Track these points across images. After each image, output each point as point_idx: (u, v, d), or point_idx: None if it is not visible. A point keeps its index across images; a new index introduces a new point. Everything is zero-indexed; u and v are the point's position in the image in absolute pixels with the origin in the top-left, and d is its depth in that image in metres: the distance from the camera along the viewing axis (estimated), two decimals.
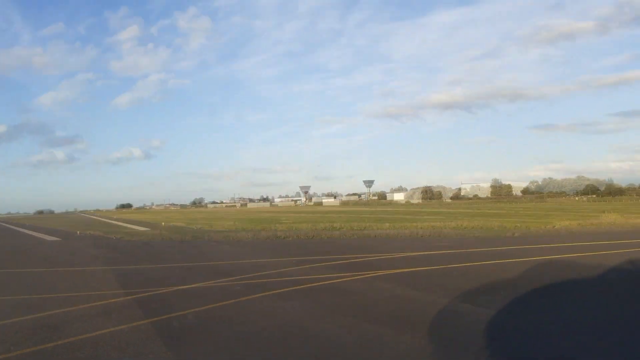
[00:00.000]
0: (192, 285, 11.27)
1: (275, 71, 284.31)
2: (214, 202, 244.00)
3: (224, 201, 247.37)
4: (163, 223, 45.65)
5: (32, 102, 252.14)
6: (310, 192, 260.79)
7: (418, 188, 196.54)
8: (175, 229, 36.75)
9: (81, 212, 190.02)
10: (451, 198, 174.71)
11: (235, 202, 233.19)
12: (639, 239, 19.98)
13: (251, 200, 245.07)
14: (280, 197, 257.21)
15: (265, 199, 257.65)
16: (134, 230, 37.40)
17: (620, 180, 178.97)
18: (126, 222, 55.77)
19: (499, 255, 15.56)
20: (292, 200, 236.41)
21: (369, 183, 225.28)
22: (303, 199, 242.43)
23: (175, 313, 8.54)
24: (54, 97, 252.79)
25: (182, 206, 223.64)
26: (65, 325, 7.90)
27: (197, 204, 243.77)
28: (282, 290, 10.39)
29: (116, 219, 69.96)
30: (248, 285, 11.08)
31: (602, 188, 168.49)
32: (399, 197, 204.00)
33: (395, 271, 12.54)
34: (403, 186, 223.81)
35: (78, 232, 36.99)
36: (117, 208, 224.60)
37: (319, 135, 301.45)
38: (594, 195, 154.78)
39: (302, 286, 10.74)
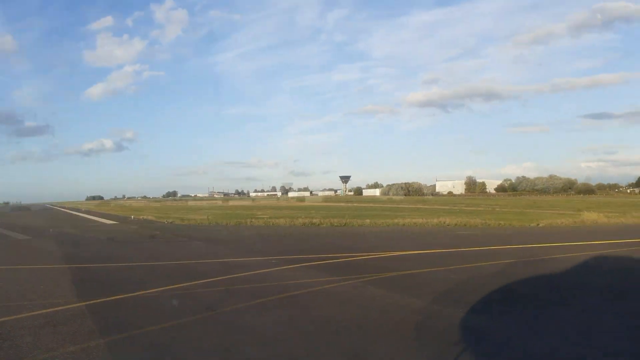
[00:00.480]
0: (150, 291, 9.65)
1: (253, 66, 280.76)
2: (195, 195, 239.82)
3: (199, 194, 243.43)
4: (132, 216, 43.38)
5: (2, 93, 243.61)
6: (287, 187, 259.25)
7: (394, 184, 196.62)
8: (145, 223, 34.70)
9: (48, 204, 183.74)
10: (424, 195, 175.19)
11: (214, 195, 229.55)
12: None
13: (225, 194, 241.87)
14: (255, 191, 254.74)
15: (240, 193, 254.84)
16: (99, 225, 35.17)
17: (590, 180, 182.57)
18: (94, 215, 53.19)
19: (499, 255, 14.35)
20: (269, 194, 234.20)
21: (345, 179, 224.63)
22: (279, 194, 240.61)
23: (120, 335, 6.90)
24: (24, 88, 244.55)
25: (166, 198, 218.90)
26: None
27: (175, 198, 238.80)
28: (263, 300, 8.86)
29: (85, 211, 67.04)
30: (225, 292, 9.52)
31: (573, 187, 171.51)
32: (375, 193, 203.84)
33: (389, 274, 11.16)
34: (379, 182, 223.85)
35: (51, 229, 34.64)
36: (87, 200, 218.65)
37: (296, 130, 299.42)
38: (574, 193, 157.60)
39: (283, 295, 9.23)
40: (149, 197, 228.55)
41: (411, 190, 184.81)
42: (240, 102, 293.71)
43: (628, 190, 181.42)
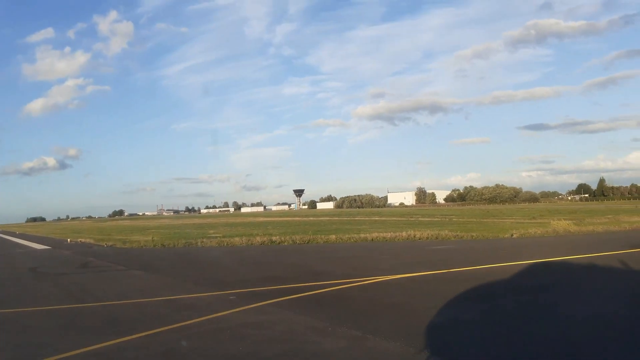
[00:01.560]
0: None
1: (202, 79, 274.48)
2: (143, 214, 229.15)
3: (147, 213, 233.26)
4: (69, 239, 38.67)
5: None
6: (240, 202, 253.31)
7: (347, 197, 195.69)
8: (81, 247, 30.42)
9: None
10: (377, 206, 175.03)
11: (163, 213, 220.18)
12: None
13: (175, 212, 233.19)
14: (207, 208, 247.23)
15: (191, 210, 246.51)
16: (27, 251, 30.50)
17: (531, 189, 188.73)
18: (27, 239, 47.57)
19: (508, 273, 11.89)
20: (221, 211, 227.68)
21: (299, 192, 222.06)
22: (231, 210, 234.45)
23: None
24: None
25: (112, 217, 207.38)
26: None
27: (122, 217, 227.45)
28: None
29: (19, 235, 60.64)
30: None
31: (519, 195, 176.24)
32: (329, 206, 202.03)
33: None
34: (333, 195, 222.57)
35: None
36: (27, 222, 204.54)
37: (248, 144, 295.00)
38: (519, 202, 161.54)
39: None
40: (95, 217, 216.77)
41: (364, 203, 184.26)
42: (190, 116, 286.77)
43: (569, 198, 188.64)
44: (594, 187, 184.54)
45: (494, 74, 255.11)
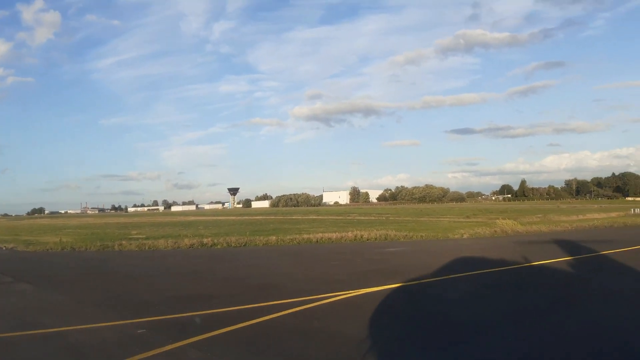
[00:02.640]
0: None
1: (133, 74, 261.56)
2: (65, 212, 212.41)
3: (70, 211, 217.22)
4: None
5: None
6: (171, 200, 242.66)
7: (283, 195, 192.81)
8: None
9: None
10: (312, 205, 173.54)
11: (88, 212, 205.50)
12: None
13: (101, 210, 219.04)
14: (135, 206, 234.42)
15: (118, 209, 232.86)
16: None
17: (456, 189, 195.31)
18: None
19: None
20: (150, 209, 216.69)
21: (233, 191, 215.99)
22: (161, 208, 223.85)
23: None
24: None
25: (31, 215, 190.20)
26: None
27: (42, 215, 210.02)
28: None
29: None
30: None
31: (447, 195, 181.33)
32: (264, 204, 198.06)
33: None
34: (268, 194, 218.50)
35: None
36: None
37: (181, 142, 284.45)
38: (447, 201, 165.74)
39: None
40: (11, 215, 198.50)
41: (300, 201, 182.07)
42: (119, 111, 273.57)
43: (493, 198, 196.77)
44: (515, 187, 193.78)
45: (425, 79, 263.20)
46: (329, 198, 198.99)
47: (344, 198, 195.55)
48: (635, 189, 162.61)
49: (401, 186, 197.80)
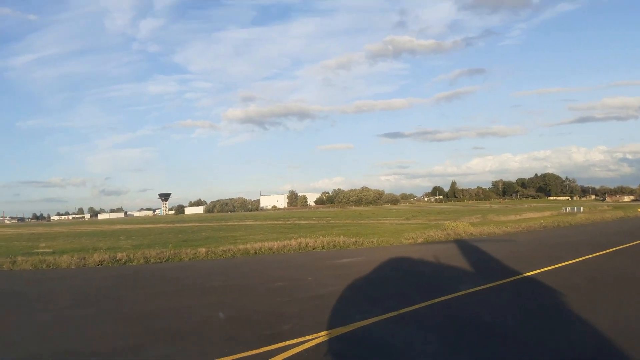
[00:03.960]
0: None
1: (54, 73, 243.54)
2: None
3: None
4: None
5: None
6: (97, 207, 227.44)
7: (218, 200, 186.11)
8: None
9: None
10: (250, 210, 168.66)
11: (5, 221, 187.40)
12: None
13: (20, 219, 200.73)
14: (58, 214, 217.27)
15: (39, 217, 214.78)
16: None
17: (389, 191, 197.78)
18: None
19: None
20: (75, 217, 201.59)
21: (165, 197, 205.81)
22: (87, 216, 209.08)
23: None
24: None
25: None
26: None
27: None
28: None
29: None
30: None
31: (382, 197, 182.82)
32: (198, 210, 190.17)
33: None
34: (203, 199, 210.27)
35: None
36: None
37: (107, 145, 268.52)
38: (383, 203, 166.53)
39: None
40: None
41: (236, 206, 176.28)
42: (38, 113, 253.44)
43: (425, 199, 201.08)
44: (445, 189, 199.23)
45: (356, 84, 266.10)
46: (266, 202, 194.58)
47: (281, 202, 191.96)
48: (555, 188, 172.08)
49: (338, 189, 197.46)
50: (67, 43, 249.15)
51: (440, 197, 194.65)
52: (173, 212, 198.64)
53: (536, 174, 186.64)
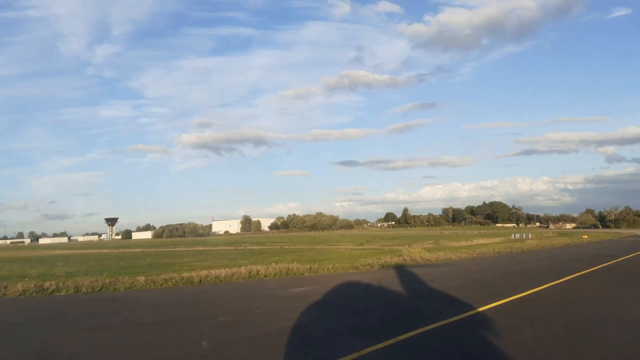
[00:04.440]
0: None
1: (1, 94, 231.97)
2: None
3: None
4: None
5: None
6: (39, 231, 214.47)
7: (168, 225, 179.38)
8: None
9: None
10: (201, 235, 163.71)
11: None
12: None
13: None
14: None
15: None
16: None
17: (344, 217, 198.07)
18: None
19: None
20: (14, 242, 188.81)
21: (111, 221, 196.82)
22: (27, 241, 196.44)
23: None
24: None
25: None
26: None
27: None
28: None
29: None
30: None
31: (336, 223, 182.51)
32: (146, 235, 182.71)
33: None
34: (152, 224, 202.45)
35: None
36: None
37: (53, 168, 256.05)
38: (337, 228, 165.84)
39: None
40: None
41: (186, 231, 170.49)
42: None
43: (379, 225, 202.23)
44: (397, 215, 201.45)
45: (314, 114, 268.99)
46: (218, 227, 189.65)
47: (234, 227, 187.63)
48: (503, 216, 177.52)
49: (293, 214, 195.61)
50: (18, 65, 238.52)
51: (393, 222, 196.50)
52: (120, 237, 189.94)
53: (484, 202, 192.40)
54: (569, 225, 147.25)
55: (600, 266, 18.93)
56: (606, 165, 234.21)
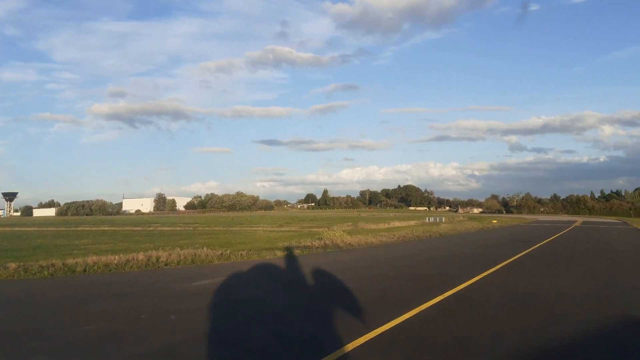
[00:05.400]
0: None
1: None
2: None
3: None
4: None
5: None
6: None
7: (74, 202, 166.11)
8: None
9: None
10: (110, 214, 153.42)
11: None
12: None
13: None
14: None
15: None
16: None
17: (264, 197, 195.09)
18: None
19: None
20: None
21: (9, 196, 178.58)
22: None
23: None
24: None
25: None
26: None
27: None
28: None
29: None
30: None
31: (257, 203, 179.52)
32: (49, 212, 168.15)
33: None
34: (56, 200, 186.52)
35: None
36: None
37: None
38: (257, 209, 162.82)
39: None
40: None
41: (94, 209, 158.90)
42: None
43: (299, 206, 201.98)
44: (317, 197, 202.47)
45: (236, 89, 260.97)
46: (130, 206, 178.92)
47: (147, 206, 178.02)
48: (416, 199, 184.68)
49: (211, 194, 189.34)
50: None
51: (313, 204, 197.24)
52: (19, 213, 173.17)
53: (399, 186, 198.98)
54: (476, 210, 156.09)
55: (523, 253, 18.46)
56: (509, 153, 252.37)
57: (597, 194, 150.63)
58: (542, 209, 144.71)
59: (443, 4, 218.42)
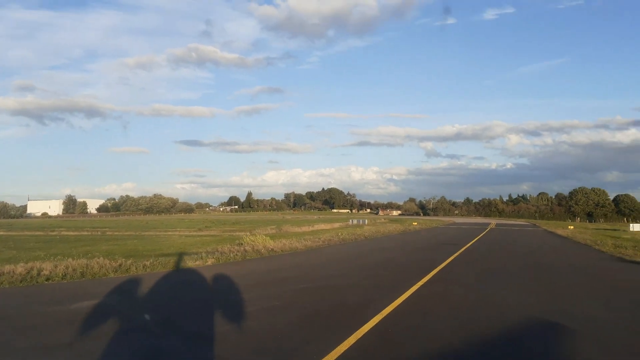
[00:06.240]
0: None
1: None
2: None
3: None
4: None
5: None
6: None
7: None
8: None
9: None
10: (13, 217, 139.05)
11: None
12: None
13: None
14: None
15: None
16: None
17: (185, 200, 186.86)
18: None
19: None
20: None
21: None
22: None
23: None
24: None
25: None
26: None
27: None
28: None
29: None
30: None
31: (176, 206, 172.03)
32: None
33: None
34: None
35: None
36: None
37: None
38: (176, 212, 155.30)
39: None
40: None
41: None
42: None
43: (221, 209, 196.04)
44: (241, 199, 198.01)
45: (156, 86, 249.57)
46: (35, 208, 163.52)
47: (55, 208, 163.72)
48: (339, 202, 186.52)
49: (126, 196, 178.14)
50: None
51: (236, 207, 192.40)
52: None
53: (323, 189, 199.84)
54: (395, 212, 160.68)
55: (454, 257, 17.72)
56: (425, 159, 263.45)
57: (505, 198, 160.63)
58: (456, 212, 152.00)
59: (366, 13, 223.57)
